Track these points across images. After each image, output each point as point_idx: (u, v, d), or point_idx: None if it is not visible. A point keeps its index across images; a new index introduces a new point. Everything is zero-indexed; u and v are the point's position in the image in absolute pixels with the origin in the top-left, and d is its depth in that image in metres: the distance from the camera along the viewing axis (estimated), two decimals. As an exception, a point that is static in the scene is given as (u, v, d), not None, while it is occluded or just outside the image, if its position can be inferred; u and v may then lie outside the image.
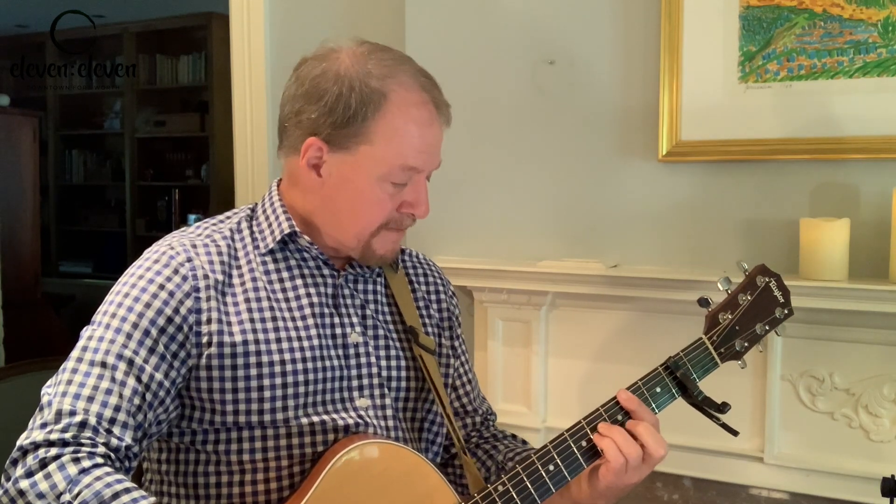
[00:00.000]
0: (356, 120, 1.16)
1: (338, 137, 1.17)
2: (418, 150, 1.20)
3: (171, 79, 6.15)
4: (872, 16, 1.74)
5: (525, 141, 2.13)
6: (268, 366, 1.16)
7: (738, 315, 1.28)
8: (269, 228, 1.24)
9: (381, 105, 1.17)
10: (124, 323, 1.12)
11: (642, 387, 1.22)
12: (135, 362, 1.10)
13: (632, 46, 1.99)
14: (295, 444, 1.17)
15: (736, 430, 1.27)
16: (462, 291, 2.19)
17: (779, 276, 1.33)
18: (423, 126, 1.20)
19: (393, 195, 1.21)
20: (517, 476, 1.15)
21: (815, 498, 1.84)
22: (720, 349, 1.27)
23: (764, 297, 1.30)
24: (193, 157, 6.18)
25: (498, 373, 2.12)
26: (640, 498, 2.03)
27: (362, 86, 1.16)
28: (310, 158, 1.20)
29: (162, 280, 1.15)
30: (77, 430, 1.05)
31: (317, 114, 1.17)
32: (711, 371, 1.26)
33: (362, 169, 1.18)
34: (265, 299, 1.20)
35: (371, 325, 1.28)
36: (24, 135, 5.46)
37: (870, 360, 1.75)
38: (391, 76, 1.18)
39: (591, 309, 2.02)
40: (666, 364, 1.24)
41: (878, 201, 1.76)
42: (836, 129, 1.78)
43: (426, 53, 2.24)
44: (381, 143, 1.17)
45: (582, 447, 1.17)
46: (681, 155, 1.93)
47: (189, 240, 1.21)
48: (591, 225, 2.07)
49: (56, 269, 6.50)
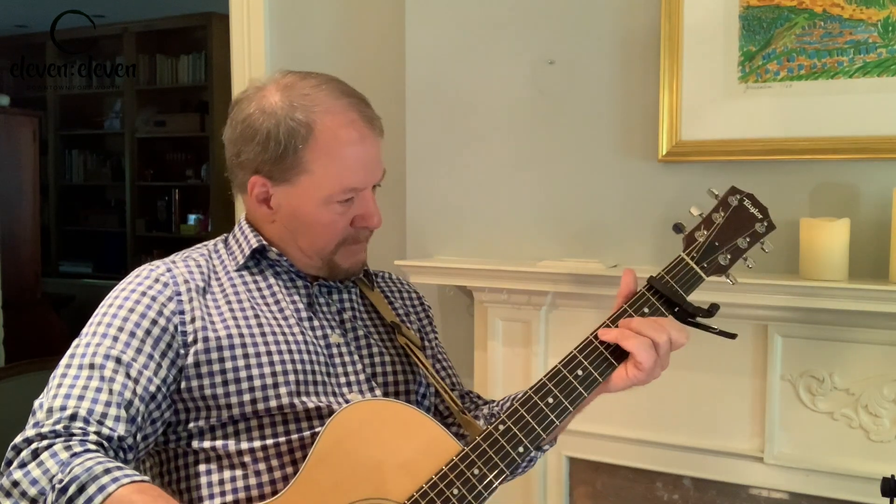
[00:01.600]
0: (288, 153, 1.22)
1: (277, 171, 1.24)
2: (354, 169, 1.25)
3: (171, 79, 6.15)
4: (872, 16, 1.74)
5: (525, 141, 2.13)
6: (255, 356, 1.19)
7: (715, 231, 1.28)
8: (239, 246, 1.31)
9: (309, 135, 1.22)
10: (110, 328, 1.16)
11: (629, 309, 1.21)
12: (122, 360, 1.13)
13: (632, 46, 1.99)
14: (293, 430, 1.18)
15: (733, 333, 1.25)
16: (462, 291, 2.19)
17: (751, 194, 1.33)
18: (353, 146, 1.24)
19: (343, 213, 1.26)
20: (517, 412, 1.15)
21: (815, 498, 1.84)
22: (702, 263, 1.26)
23: (740, 214, 1.30)
24: (193, 157, 6.18)
25: (498, 373, 2.12)
26: (640, 498, 2.03)
27: (288, 120, 1.22)
28: (257, 195, 1.27)
29: (144, 288, 1.21)
30: (68, 421, 1.07)
31: (253, 153, 1.25)
32: (697, 285, 1.25)
33: (306, 197, 1.24)
34: (246, 301, 1.25)
35: (350, 327, 1.32)
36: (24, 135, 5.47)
37: (870, 360, 1.75)
38: (314, 104, 1.23)
39: (591, 309, 2.02)
40: (650, 284, 1.24)
41: (878, 201, 1.76)
42: (836, 129, 1.78)
43: (426, 53, 2.24)
44: (317, 170, 1.23)
45: (578, 376, 1.17)
46: (681, 155, 1.93)
47: (169, 259, 1.29)
48: (591, 225, 2.07)
49: (56, 269, 6.50)
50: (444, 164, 2.24)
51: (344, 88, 1.28)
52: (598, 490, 2.09)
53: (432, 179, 2.25)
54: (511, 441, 1.14)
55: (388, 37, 2.38)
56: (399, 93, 2.27)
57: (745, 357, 1.85)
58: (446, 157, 2.24)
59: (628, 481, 2.05)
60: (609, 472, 2.06)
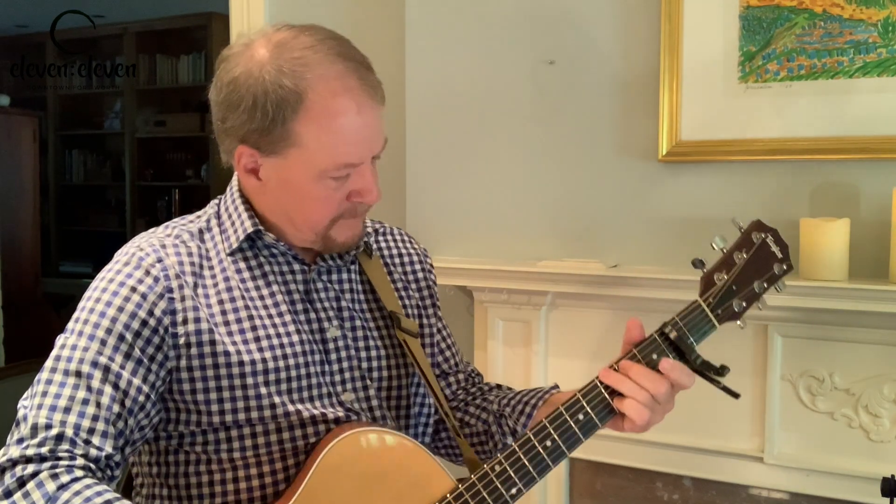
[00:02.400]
0: (276, 125, 1.11)
1: (264, 143, 1.13)
2: (350, 143, 1.13)
3: (171, 79, 6.15)
4: (872, 16, 1.74)
5: (525, 141, 2.13)
6: (249, 364, 1.14)
7: (735, 274, 1.22)
8: (233, 227, 1.21)
9: (300, 105, 1.10)
10: (97, 329, 1.09)
11: (638, 354, 1.18)
12: (111, 369, 1.08)
13: (632, 46, 1.99)
14: (286, 438, 1.15)
15: (737, 392, 1.22)
16: (462, 291, 2.19)
17: (775, 230, 1.26)
18: (349, 116, 1.12)
19: (338, 188, 1.15)
20: (514, 454, 1.15)
21: (815, 498, 1.84)
22: (717, 311, 1.21)
23: (761, 254, 1.24)
24: (193, 157, 6.18)
25: (498, 373, 2.12)
26: (640, 498, 2.03)
27: (276, 88, 1.10)
28: (245, 165, 1.17)
29: (133, 282, 1.12)
30: (54, 443, 1.02)
31: (238, 121, 1.14)
32: (709, 334, 1.22)
33: (297, 171, 1.14)
34: (239, 299, 1.17)
35: (348, 316, 1.25)
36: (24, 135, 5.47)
37: (870, 360, 1.75)
38: (306, 69, 1.11)
39: (591, 309, 2.02)
40: (661, 330, 1.20)
41: (878, 201, 1.76)
42: (836, 129, 1.78)
43: (426, 53, 2.24)
44: (309, 143, 1.12)
45: (579, 420, 1.16)
46: (681, 155, 1.93)
47: (158, 240, 1.18)
48: (591, 225, 2.07)
49: (56, 269, 6.50)
50: (443, 164, 2.24)
51: (342, 50, 1.15)
52: (598, 490, 2.09)
53: (432, 179, 2.25)
54: (506, 483, 1.14)
55: (388, 37, 2.38)
56: (399, 93, 2.27)
57: (745, 357, 1.85)
58: (446, 156, 2.24)
59: (628, 481, 2.05)
60: (609, 472, 2.06)
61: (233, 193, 1.24)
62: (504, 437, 1.33)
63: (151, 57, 6.19)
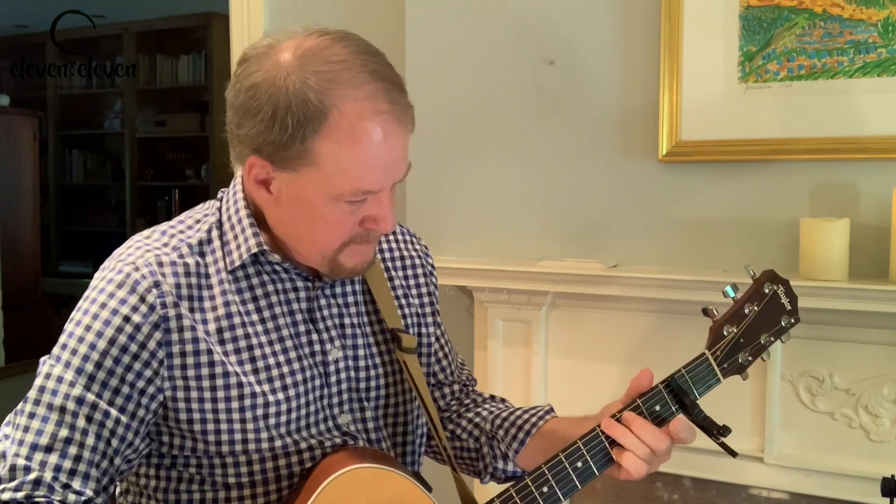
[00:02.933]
0: (295, 141, 1.03)
1: (279, 157, 1.05)
2: (370, 170, 1.05)
3: (171, 79, 6.15)
4: (872, 16, 1.74)
5: (525, 141, 2.13)
6: (250, 397, 1.10)
7: (744, 328, 1.22)
8: (237, 242, 1.14)
9: (322, 124, 1.02)
10: (86, 362, 1.04)
11: (642, 405, 1.17)
12: (98, 406, 1.03)
13: (632, 46, 1.99)
14: (282, 465, 1.14)
15: (735, 451, 1.23)
16: (462, 291, 2.19)
17: (787, 281, 1.26)
18: (374, 143, 1.04)
19: (352, 212, 1.09)
20: (510, 499, 1.14)
21: (815, 498, 1.84)
22: (723, 364, 1.21)
23: (771, 307, 1.24)
24: (193, 157, 6.18)
25: (498, 373, 2.12)
26: (640, 498, 2.03)
27: (299, 102, 1.02)
28: (255, 176, 1.09)
29: (127, 311, 1.05)
30: (31, 488, 0.99)
31: (254, 130, 1.05)
32: (713, 388, 1.22)
33: (312, 190, 1.06)
34: (239, 326, 1.12)
35: (350, 334, 1.21)
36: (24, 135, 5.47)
37: (870, 360, 1.75)
38: (334, 86, 1.02)
39: (591, 309, 2.02)
40: (667, 381, 1.19)
41: (878, 201, 1.76)
42: (836, 129, 1.78)
43: (426, 53, 2.24)
44: (327, 165, 1.04)
45: (577, 468, 1.16)
46: (681, 155, 1.93)
47: (155, 256, 1.10)
48: (591, 225, 2.07)
49: (56, 269, 6.51)
50: (443, 164, 2.24)
51: (376, 68, 1.06)
52: (597, 490, 2.09)
53: (432, 179, 2.25)
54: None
55: (388, 37, 2.38)
56: (399, 93, 2.27)
57: (746, 357, 1.85)
58: (446, 156, 2.24)
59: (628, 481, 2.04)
60: (609, 472, 2.06)
61: (237, 202, 1.16)
62: (495, 461, 1.32)
63: (151, 57, 6.19)
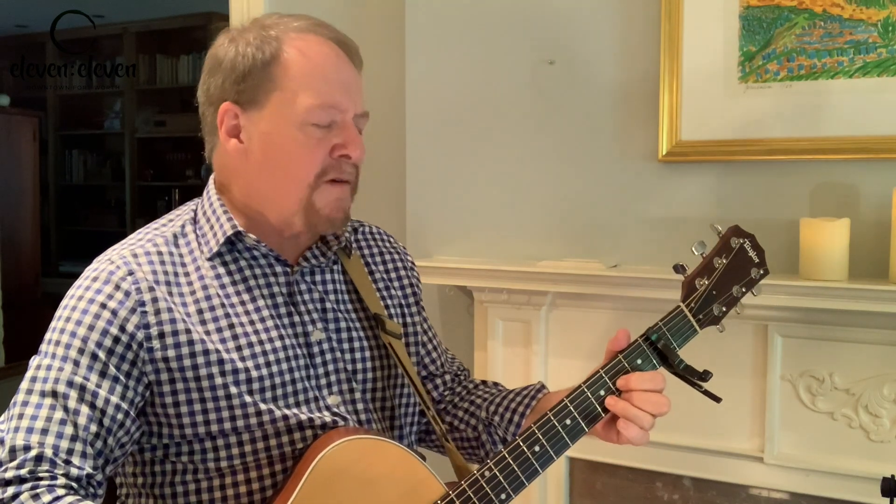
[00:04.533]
0: (256, 67, 1.13)
1: (246, 93, 1.14)
2: (330, 82, 1.14)
3: (171, 79, 6.15)
4: (872, 16, 1.74)
5: (525, 141, 2.13)
6: (231, 374, 1.12)
7: (715, 279, 1.26)
8: (212, 231, 1.18)
9: (279, 48, 1.13)
10: (70, 350, 1.08)
11: (623, 360, 1.21)
12: (87, 388, 1.06)
13: (632, 46, 1.99)
14: (273, 445, 1.14)
15: (718, 396, 1.25)
16: (462, 291, 2.19)
17: (752, 235, 1.30)
18: (328, 59, 1.15)
19: (321, 139, 1.14)
20: (503, 460, 1.16)
21: (815, 498, 1.84)
22: (698, 315, 1.25)
23: (739, 259, 1.28)
24: (193, 157, 6.18)
25: (498, 373, 2.12)
26: (640, 498, 2.03)
27: (256, 38, 1.14)
28: (227, 128, 1.17)
29: (103, 298, 1.10)
30: (33, 464, 1.01)
31: (221, 79, 1.16)
32: (691, 339, 1.25)
33: (279, 118, 1.14)
34: (219, 307, 1.15)
35: (332, 318, 1.24)
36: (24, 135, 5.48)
37: (870, 360, 1.75)
38: (284, 25, 1.16)
39: (591, 309, 2.02)
40: (646, 335, 1.22)
41: (878, 201, 1.76)
42: (836, 129, 1.78)
43: (426, 53, 2.24)
44: (289, 85, 1.13)
45: (566, 425, 1.18)
46: (681, 155, 1.93)
47: (129, 250, 1.15)
48: (591, 225, 2.07)
49: (56, 269, 6.50)
50: (444, 164, 2.24)
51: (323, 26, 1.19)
52: (597, 490, 2.09)
53: (432, 179, 2.25)
54: (496, 489, 1.15)
55: (388, 37, 2.38)
56: (399, 93, 2.27)
57: (745, 357, 1.85)
58: (446, 157, 2.24)
59: (628, 481, 2.05)
60: (609, 471, 2.06)
61: (210, 196, 1.22)
62: (494, 446, 1.35)
63: (151, 57, 6.19)
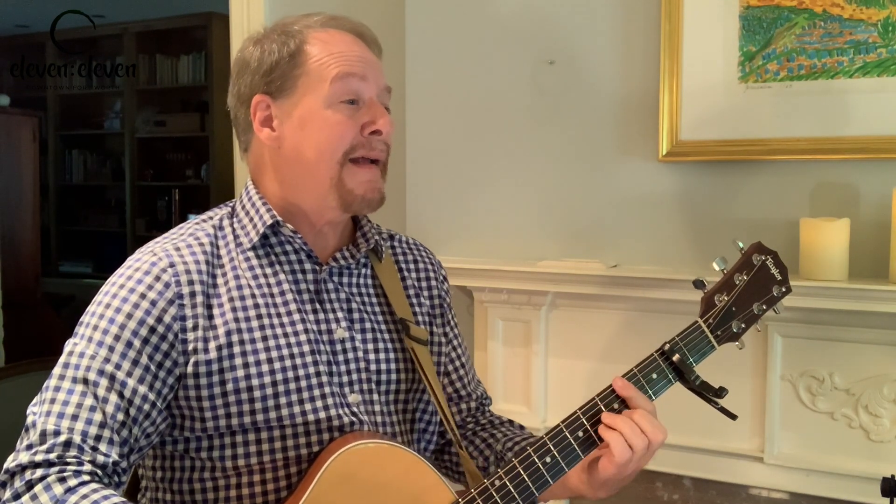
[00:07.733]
0: (283, 58, 1.21)
1: (275, 83, 1.21)
2: (352, 61, 1.22)
3: (171, 79, 6.15)
4: (872, 16, 1.74)
5: (525, 141, 2.13)
6: (255, 365, 1.14)
7: (735, 296, 1.24)
8: (252, 223, 1.23)
9: (303, 40, 1.21)
10: (106, 336, 1.11)
11: (638, 374, 1.20)
12: (117, 377, 1.09)
13: (632, 46, 1.99)
14: (290, 446, 1.16)
15: (734, 413, 1.24)
16: (462, 291, 2.19)
17: (775, 253, 1.28)
18: (347, 39, 1.24)
19: (350, 116, 1.20)
20: (514, 470, 1.15)
21: (815, 498, 1.84)
22: (717, 332, 1.23)
23: (761, 276, 1.26)
24: (193, 157, 6.18)
25: (498, 373, 2.12)
26: (640, 498, 2.03)
27: (279, 35, 1.22)
28: (260, 119, 1.22)
29: (143, 289, 1.13)
30: (62, 449, 1.04)
31: (250, 78, 1.23)
32: (708, 355, 1.23)
33: (308, 101, 1.20)
34: (249, 297, 1.18)
35: (358, 318, 1.25)
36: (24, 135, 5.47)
37: (870, 360, 1.75)
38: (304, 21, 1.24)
39: (591, 309, 2.02)
40: (662, 349, 1.21)
41: (878, 201, 1.76)
42: (836, 129, 1.79)
43: (426, 53, 2.24)
44: (314, 67, 1.20)
45: (579, 437, 1.16)
46: (681, 155, 1.93)
47: (172, 244, 1.20)
48: (591, 225, 2.07)
49: (56, 269, 6.50)
50: (444, 165, 2.24)
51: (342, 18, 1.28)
52: (598, 490, 2.09)
53: (432, 179, 2.25)
54: (505, 498, 1.14)
55: (388, 37, 2.38)
56: (399, 93, 2.27)
57: (745, 357, 1.85)
58: (446, 156, 2.24)
59: (628, 481, 2.05)
60: (609, 472, 2.06)
61: (248, 192, 1.27)
62: None
63: (151, 57, 6.18)
